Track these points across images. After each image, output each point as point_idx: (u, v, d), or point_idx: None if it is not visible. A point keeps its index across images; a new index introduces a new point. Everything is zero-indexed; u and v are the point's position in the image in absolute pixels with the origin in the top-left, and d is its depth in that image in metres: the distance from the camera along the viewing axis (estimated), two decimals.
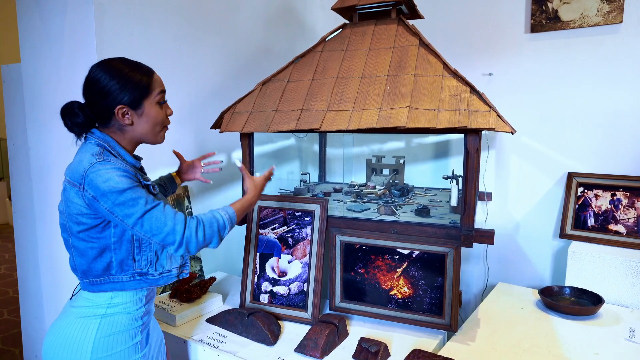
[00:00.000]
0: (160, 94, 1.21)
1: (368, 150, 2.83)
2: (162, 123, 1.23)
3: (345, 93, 1.69)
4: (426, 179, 2.68)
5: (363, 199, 2.10)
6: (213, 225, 1.18)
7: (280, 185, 2.29)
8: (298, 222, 1.78)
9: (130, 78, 1.14)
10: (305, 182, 2.32)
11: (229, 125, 1.77)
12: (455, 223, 1.67)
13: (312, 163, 2.95)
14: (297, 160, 2.96)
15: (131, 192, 1.08)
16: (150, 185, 1.20)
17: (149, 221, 1.09)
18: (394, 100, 1.58)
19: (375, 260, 1.71)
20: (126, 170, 1.10)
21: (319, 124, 1.60)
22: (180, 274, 1.29)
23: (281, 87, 1.82)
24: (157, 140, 1.25)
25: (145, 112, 1.17)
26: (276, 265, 1.79)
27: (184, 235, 1.12)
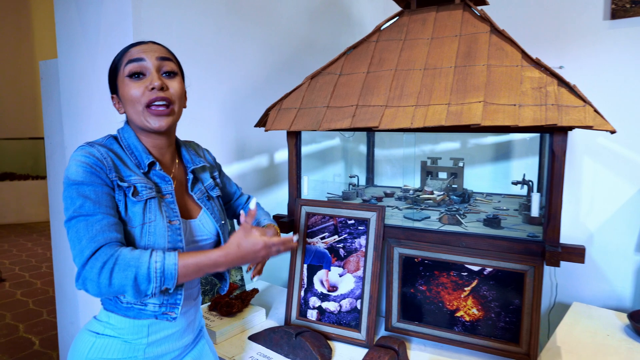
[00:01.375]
0: (129, 64, 0.97)
1: (419, 151, 2.61)
2: (140, 100, 0.97)
3: (406, 87, 1.49)
4: (484, 184, 2.45)
5: (420, 205, 1.90)
6: (128, 271, 0.86)
7: (327, 189, 2.11)
8: (351, 232, 1.59)
9: (112, 64, 1.02)
10: (354, 185, 2.13)
11: (275, 123, 1.61)
12: (534, 236, 1.44)
13: (357, 165, 2.76)
14: (341, 161, 2.78)
15: (76, 187, 0.89)
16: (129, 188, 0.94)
17: (71, 231, 0.89)
18: (465, 94, 1.37)
19: (439, 276, 1.50)
20: (95, 162, 0.91)
21: (377, 121, 1.41)
22: (162, 315, 0.99)
23: (332, 80, 1.64)
24: (147, 124, 0.99)
25: (120, 92, 1.01)
26: (326, 278, 1.62)
27: (84, 266, 0.86)
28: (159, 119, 0.98)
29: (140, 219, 0.93)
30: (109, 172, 0.93)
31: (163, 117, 0.99)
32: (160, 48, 1.03)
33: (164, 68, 1.01)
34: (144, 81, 0.97)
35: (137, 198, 0.94)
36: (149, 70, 0.98)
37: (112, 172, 0.93)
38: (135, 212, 0.94)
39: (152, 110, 0.98)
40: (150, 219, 0.94)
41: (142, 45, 1.01)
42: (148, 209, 0.95)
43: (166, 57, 1.02)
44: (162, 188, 1.00)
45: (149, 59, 0.98)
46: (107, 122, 1.68)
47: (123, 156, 0.98)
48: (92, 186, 0.90)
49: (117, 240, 0.89)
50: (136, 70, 0.97)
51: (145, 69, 0.98)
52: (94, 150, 0.93)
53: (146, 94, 0.96)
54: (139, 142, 1.02)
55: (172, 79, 1.02)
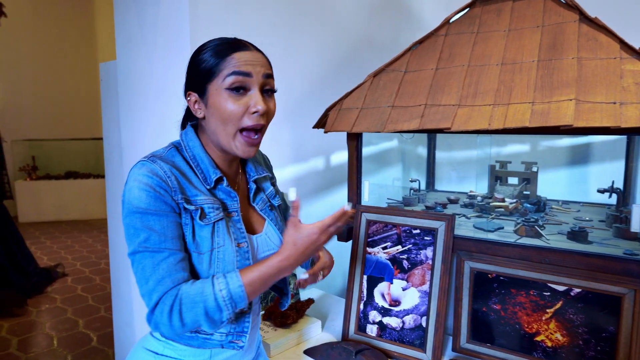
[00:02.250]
0: (232, 76, 0.83)
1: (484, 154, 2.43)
2: (236, 121, 0.85)
3: (481, 84, 1.35)
4: (557, 190, 2.23)
5: (490, 214, 1.73)
6: (196, 307, 0.80)
7: (386, 194, 1.99)
8: (416, 242, 1.47)
9: (203, 54, 0.88)
10: (416, 190, 2.00)
11: (335, 124, 1.50)
12: (633, 254, 1.26)
13: (415, 168, 2.61)
14: (399, 164, 2.64)
15: (140, 216, 0.80)
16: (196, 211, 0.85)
17: (136, 265, 0.82)
18: (552, 91, 1.21)
19: (516, 295, 1.35)
20: (160, 183, 0.81)
21: (449, 122, 1.28)
22: (229, 343, 0.93)
23: (397, 78, 1.52)
24: (234, 149, 0.88)
25: (210, 101, 0.86)
26: (387, 291, 1.50)
27: (154, 311, 0.81)
28: (248, 147, 0.88)
29: (209, 245, 0.85)
30: (174, 194, 0.83)
31: (254, 146, 0.89)
32: (265, 61, 0.90)
33: (266, 87, 0.89)
34: (245, 99, 0.85)
35: (204, 221, 0.85)
36: (253, 87, 0.86)
37: (178, 193, 0.83)
38: (203, 237, 0.85)
39: (245, 137, 0.87)
40: (219, 243, 0.86)
41: (248, 52, 0.87)
42: (216, 233, 0.86)
43: (271, 74, 0.90)
44: (228, 205, 0.91)
45: (256, 75, 0.86)
46: (163, 124, 1.64)
47: (187, 171, 0.88)
48: (157, 216, 0.81)
49: (185, 281, 0.83)
50: (241, 86, 0.85)
51: (250, 85, 0.86)
52: (156, 168, 0.82)
53: (246, 117, 0.85)
54: (206, 154, 0.91)
55: (271, 99, 0.91)
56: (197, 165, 0.90)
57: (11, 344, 2.84)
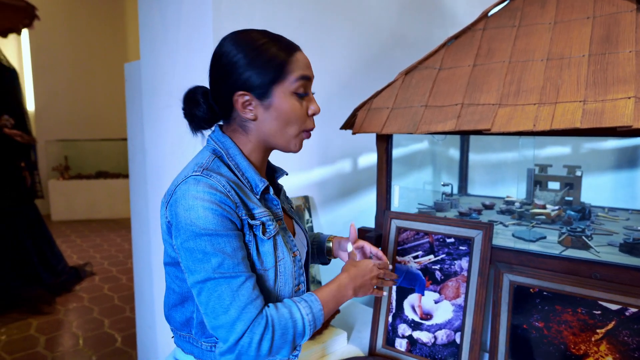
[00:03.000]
0: (300, 80, 0.83)
1: (521, 157, 2.29)
2: (301, 124, 0.85)
3: (524, 81, 1.23)
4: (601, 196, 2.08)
5: (530, 222, 1.61)
6: (287, 333, 0.76)
7: (416, 198, 1.88)
8: (450, 252, 1.36)
9: (260, 52, 0.80)
10: (448, 195, 1.89)
11: (364, 125, 1.42)
12: None
13: (447, 171, 2.49)
14: (429, 167, 2.53)
15: (209, 240, 0.73)
16: (259, 225, 0.80)
17: (208, 294, 0.74)
18: (606, 88, 1.09)
19: (562, 312, 1.23)
20: (224, 200, 0.75)
21: (489, 122, 1.17)
22: None
23: (431, 76, 1.42)
24: (290, 146, 0.86)
25: (274, 103, 0.82)
26: (418, 304, 1.40)
27: (239, 342, 0.73)
28: (302, 144, 0.89)
29: (272, 260, 0.81)
30: (238, 211, 0.77)
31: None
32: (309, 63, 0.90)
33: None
34: (305, 101, 0.86)
35: (267, 235, 0.80)
36: (310, 89, 0.88)
37: (241, 209, 0.78)
38: (266, 252, 0.80)
39: (305, 135, 0.88)
40: (280, 256, 0.82)
41: (302, 52, 0.87)
42: (276, 246, 0.82)
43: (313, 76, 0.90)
44: (273, 212, 0.86)
45: (312, 79, 0.88)
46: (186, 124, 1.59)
47: (239, 183, 0.82)
48: (227, 237, 0.75)
49: (264, 305, 0.78)
50: (305, 90, 0.85)
51: (309, 88, 0.87)
52: (215, 184, 0.76)
53: (309, 120, 0.87)
54: (247, 161, 0.85)
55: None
56: (242, 175, 0.83)
57: (39, 343, 2.86)
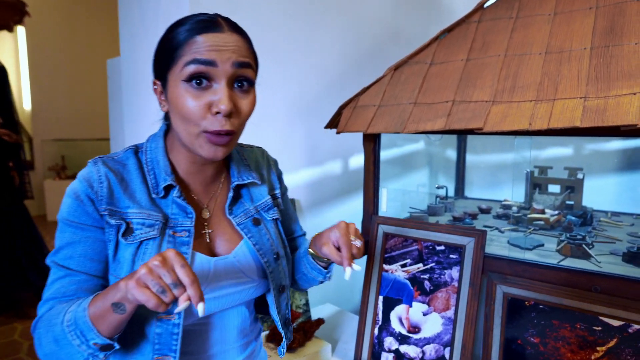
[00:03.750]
0: (192, 65, 0.65)
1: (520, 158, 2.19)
2: (197, 121, 0.67)
3: (520, 76, 1.14)
4: (603, 200, 1.97)
5: (528, 227, 1.51)
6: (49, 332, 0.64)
7: (409, 201, 1.79)
8: (440, 260, 1.27)
9: (167, 33, 0.71)
10: (443, 198, 1.79)
11: (349, 124, 1.32)
12: None
13: (444, 172, 2.40)
14: (425, 168, 2.44)
15: (60, 226, 0.70)
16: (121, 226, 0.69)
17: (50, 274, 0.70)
18: (609, 84, 1.00)
19: (559, 327, 1.13)
20: (85, 190, 0.68)
21: (481, 121, 1.08)
22: None
23: (422, 71, 1.33)
24: (199, 150, 0.70)
25: (168, 94, 0.70)
26: (406, 316, 1.31)
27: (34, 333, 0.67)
28: (215, 149, 0.70)
29: (129, 268, 0.68)
30: (98, 204, 0.69)
31: (221, 147, 0.70)
32: (242, 46, 0.70)
33: (240, 77, 0.70)
34: (207, 92, 0.67)
35: (129, 239, 0.69)
36: (218, 78, 0.67)
37: (103, 203, 0.69)
38: (123, 258, 0.69)
39: (211, 137, 0.68)
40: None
41: (218, 34, 0.67)
42: (141, 255, 0.69)
43: (246, 62, 0.69)
44: (179, 222, 0.73)
45: (222, 64, 0.66)
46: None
47: (134, 178, 0.73)
48: (74, 228, 0.69)
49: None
50: (201, 76, 0.67)
51: (214, 75, 0.67)
52: (91, 172, 0.70)
53: (208, 119, 0.67)
54: (165, 157, 0.75)
55: (245, 95, 0.71)
56: (150, 170, 0.74)
57: (22, 349, 2.78)
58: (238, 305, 0.81)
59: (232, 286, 0.77)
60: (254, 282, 0.80)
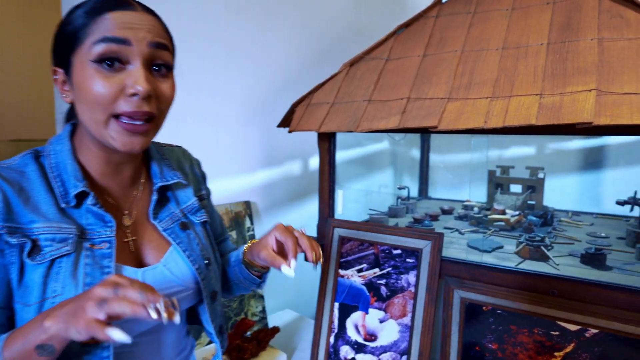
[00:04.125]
0: (102, 43, 0.57)
1: (484, 157, 2.17)
2: (106, 105, 0.58)
3: (477, 73, 1.09)
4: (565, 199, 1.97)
5: (488, 229, 1.48)
6: None
7: (372, 203, 1.74)
8: (396, 265, 1.21)
9: (67, 16, 0.62)
10: (404, 199, 1.75)
11: (301, 123, 1.26)
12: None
13: (409, 173, 2.36)
14: (390, 169, 2.39)
15: None
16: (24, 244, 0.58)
17: None
18: (565, 80, 0.96)
19: (517, 333, 1.09)
20: None
21: (435, 119, 1.03)
22: None
23: (378, 67, 1.27)
24: (110, 141, 0.60)
25: (74, 78, 0.61)
26: (362, 323, 1.25)
27: None
28: (131, 138, 0.60)
29: (39, 293, 0.58)
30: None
31: (138, 135, 0.61)
32: (155, 24, 0.62)
33: (157, 60, 0.62)
34: (120, 75, 0.59)
35: (36, 259, 0.58)
36: (132, 58, 0.59)
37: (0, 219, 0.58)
38: (33, 281, 0.58)
39: (124, 124, 0.59)
40: (56, 291, 0.58)
41: (130, 12, 0.60)
42: (54, 275, 0.59)
43: (162, 43, 0.62)
44: (97, 233, 0.64)
45: (138, 43, 0.59)
46: None
47: (35, 187, 0.62)
48: None
49: None
50: (113, 56, 0.58)
51: (129, 57, 0.59)
52: None
53: (122, 100, 0.59)
54: (73, 160, 0.65)
55: (164, 79, 0.63)
56: (57, 176, 0.63)
57: None
58: None
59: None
60: (187, 291, 0.72)
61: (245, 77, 1.60)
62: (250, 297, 1.56)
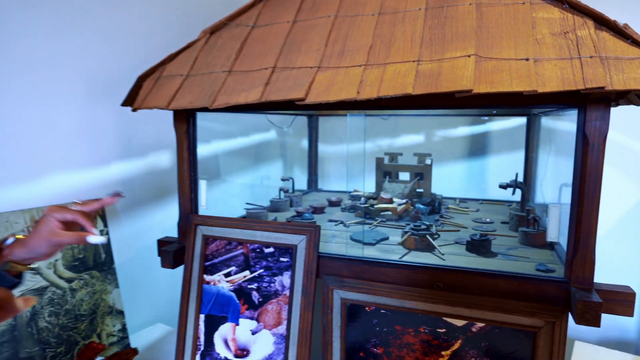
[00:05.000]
0: None
1: (375, 147, 2.09)
2: None
3: (351, 39, 0.95)
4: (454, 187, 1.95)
5: (375, 219, 1.37)
6: None
7: (254, 198, 1.54)
8: (269, 265, 1.04)
9: None
10: (287, 191, 1.58)
11: (148, 99, 1.02)
12: (548, 270, 0.94)
13: (300, 165, 2.21)
14: (279, 160, 2.22)
15: None
16: None
17: None
18: (444, 46, 0.85)
19: (403, 333, 0.97)
20: None
21: (302, 91, 0.86)
22: None
23: (242, 35, 1.08)
24: None
25: None
26: (232, 336, 1.05)
27: None
28: None
29: None
30: None
31: None
32: None
33: None
34: None
35: None
36: None
37: None
38: None
39: None
40: None
41: None
42: None
43: None
44: None
45: None
46: None
47: None
48: None
49: None
50: None
51: None
52: None
53: None
54: None
55: None
56: None
57: None
58: None
59: None
60: None
61: (94, 44, 1.31)
62: (104, 315, 1.29)
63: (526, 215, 1.21)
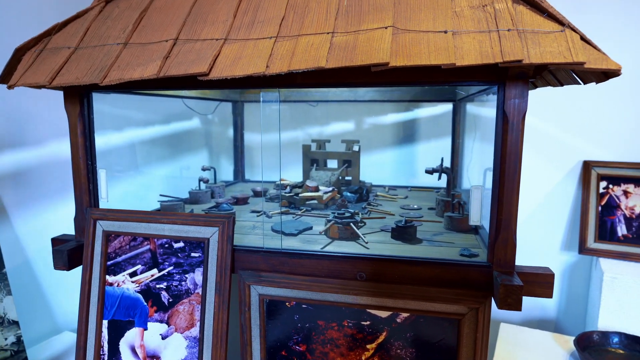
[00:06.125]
0: None
1: (305, 135, 2.02)
2: None
3: (262, 9, 0.86)
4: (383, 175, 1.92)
5: (300, 209, 1.30)
6: None
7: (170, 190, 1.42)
8: (179, 262, 0.94)
9: None
10: (207, 181, 1.47)
11: (27, 74, 0.88)
12: (472, 255, 0.91)
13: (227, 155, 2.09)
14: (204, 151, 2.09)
15: None
16: None
17: None
18: (360, 17, 0.79)
19: (326, 329, 0.91)
20: None
21: (206, 65, 0.77)
22: None
23: (142, 4, 0.96)
24: None
25: None
26: (140, 342, 0.94)
27: None
28: None
29: None
30: None
31: None
32: None
33: None
34: None
35: None
36: None
37: None
38: None
39: None
40: None
41: None
42: None
43: None
44: None
45: None
46: None
47: None
48: None
49: None
50: None
51: None
52: None
53: None
54: None
55: None
56: None
57: None
58: None
59: None
60: None
61: None
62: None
63: (451, 200, 1.19)
